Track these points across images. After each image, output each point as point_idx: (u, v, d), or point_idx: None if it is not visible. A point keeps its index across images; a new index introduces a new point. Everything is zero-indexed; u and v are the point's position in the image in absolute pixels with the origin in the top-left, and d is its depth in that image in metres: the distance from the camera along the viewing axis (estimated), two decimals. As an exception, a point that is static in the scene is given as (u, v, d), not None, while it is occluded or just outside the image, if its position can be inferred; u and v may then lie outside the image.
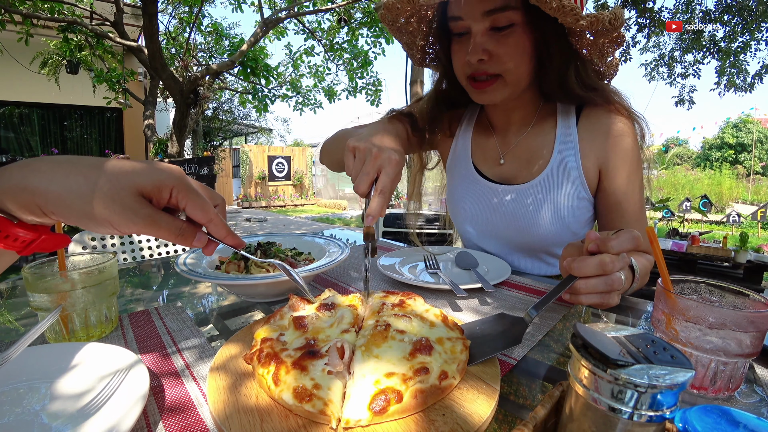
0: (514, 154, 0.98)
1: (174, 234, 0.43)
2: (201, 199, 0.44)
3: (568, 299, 0.62)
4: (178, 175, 0.43)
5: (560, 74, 0.83)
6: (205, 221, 0.46)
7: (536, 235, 0.93)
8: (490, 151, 1.03)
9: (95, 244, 1.30)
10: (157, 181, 0.41)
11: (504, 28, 0.77)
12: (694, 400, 0.44)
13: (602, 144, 0.88)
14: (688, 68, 6.68)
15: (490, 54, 0.79)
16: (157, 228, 0.42)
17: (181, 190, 0.43)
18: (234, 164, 13.58)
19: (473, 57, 0.78)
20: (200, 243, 0.47)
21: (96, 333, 0.59)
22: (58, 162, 0.39)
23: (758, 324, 0.41)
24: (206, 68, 5.61)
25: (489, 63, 0.80)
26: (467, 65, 0.82)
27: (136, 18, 7.02)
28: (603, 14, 0.69)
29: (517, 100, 0.93)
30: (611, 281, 0.57)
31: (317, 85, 7.63)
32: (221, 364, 0.47)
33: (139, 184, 0.40)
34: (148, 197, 0.41)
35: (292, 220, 9.49)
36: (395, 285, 0.81)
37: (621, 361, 0.28)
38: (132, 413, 0.37)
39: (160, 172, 0.41)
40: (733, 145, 23.37)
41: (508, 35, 0.78)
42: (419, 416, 0.38)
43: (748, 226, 8.20)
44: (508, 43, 0.78)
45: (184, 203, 0.43)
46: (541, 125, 0.95)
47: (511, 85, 0.83)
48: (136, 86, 7.49)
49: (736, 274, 3.69)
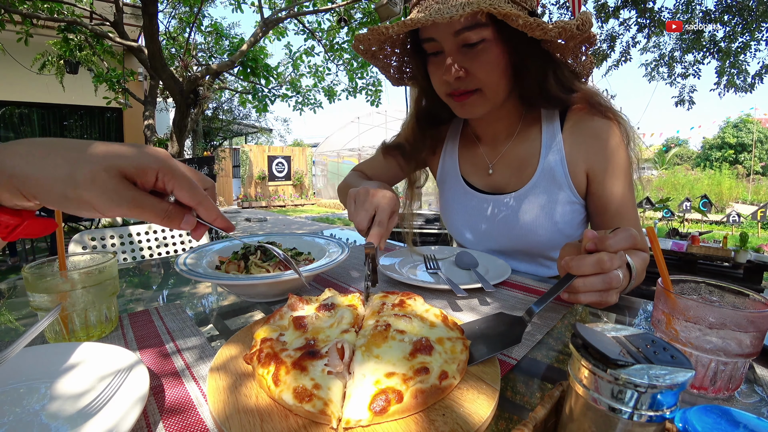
0: (502, 164, 0.99)
1: (160, 216, 0.42)
2: (188, 182, 0.44)
3: (567, 299, 0.62)
4: (163, 158, 0.42)
5: (539, 81, 0.84)
6: (194, 203, 0.45)
7: (531, 241, 0.94)
8: (478, 162, 1.04)
9: (95, 244, 1.30)
10: (141, 164, 0.40)
11: (476, 44, 0.78)
12: (694, 400, 0.44)
13: (587, 148, 0.89)
14: (688, 68, 6.67)
15: (466, 71, 0.80)
16: (141, 210, 0.41)
17: (167, 173, 0.42)
18: (234, 164, 13.59)
19: (449, 76, 0.80)
20: (188, 225, 0.46)
21: (96, 333, 0.59)
22: (37, 144, 0.38)
23: (758, 324, 0.41)
24: (206, 68, 5.61)
25: (466, 80, 0.81)
26: (445, 84, 0.84)
27: (136, 18, 7.01)
28: (570, 23, 0.71)
29: (500, 111, 0.94)
30: (609, 279, 0.58)
31: (317, 85, 7.63)
32: (221, 365, 0.47)
33: (122, 166, 0.39)
34: (132, 180, 0.40)
35: (292, 220, 9.48)
36: (395, 285, 0.81)
37: (621, 361, 0.28)
38: (132, 413, 0.37)
39: (145, 154, 0.41)
40: (733, 145, 23.37)
41: (481, 51, 0.79)
42: (419, 416, 0.38)
43: (748, 226, 8.20)
44: (481, 58, 0.79)
45: (171, 186, 0.42)
46: (526, 133, 0.96)
47: (491, 97, 0.85)
48: (136, 86, 7.48)
49: (736, 274, 3.69)
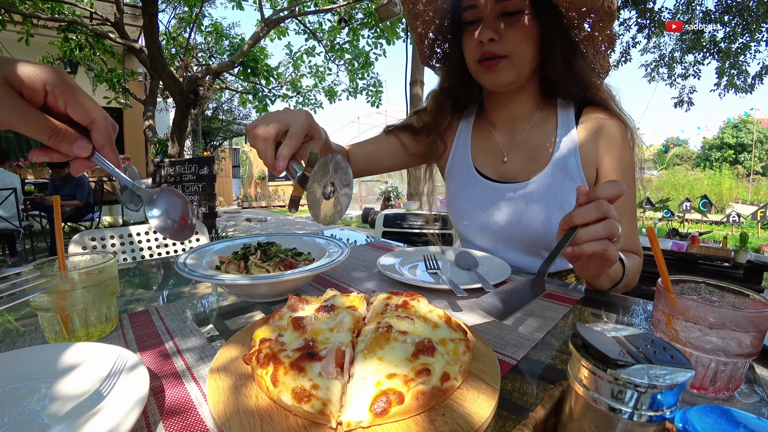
0: (518, 151, 1.01)
1: (45, 133, 0.40)
2: (84, 98, 0.41)
3: (571, 252, 0.60)
4: (56, 71, 0.40)
5: (566, 60, 0.89)
6: (87, 121, 0.42)
7: (536, 231, 0.95)
8: (492, 151, 1.05)
9: (95, 245, 1.31)
10: (29, 73, 0.39)
11: (513, 13, 0.85)
12: (694, 400, 0.44)
13: (601, 145, 0.91)
14: (688, 69, 6.67)
15: (500, 35, 0.86)
16: (25, 123, 0.39)
17: (57, 85, 0.39)
18: (234, 164, 13.59)
19: (485, 36, 0.85)
20: (82, 151, 0.42)
21: (96, 333, 0.59)
22: None
23: (758, 324, 0.41)
24: (206, 68, 5.60)
25: (498, 44, 0.86)
26: (478, 46, 0.88)
27: (136, 18, 7.01)
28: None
29: (520, 94, 0.98)
30: (610, 225, 0.57)
31: (318, 86, 7.63)
32: (221, 365, 0.47)
33: (8, 73, 0.38)
34: (19, 90, 0.39)
35: (293, 220, 9.49)
36: (395, 285, 0.82)
37: (621, 361, 0.28)
38: (132, 414, 0.37)
39: (39, 66, 0.39)
40: (733, 145, 23.36)
41: (516, 20, 0.85)
42: (420, 416, 0.38)
43: (748, 226, 8.19)
44: (516, 26, 0.85)
45: (62, 101, 0.40)
46: (542, 122, 0.99)
47: (517, 66, 0.89)
48: (136, 86, 7.48)
49: (736, 274, 3.68)
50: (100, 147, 0.44)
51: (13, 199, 4.26)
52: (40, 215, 5.20)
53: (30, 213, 5.15)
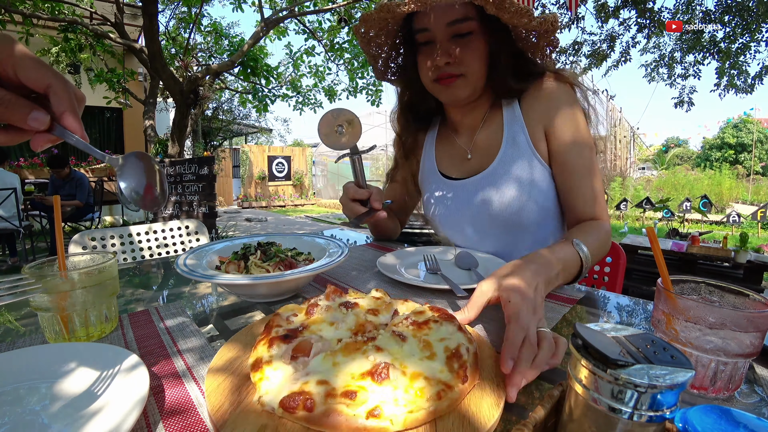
0: (478, 146, 1.07)
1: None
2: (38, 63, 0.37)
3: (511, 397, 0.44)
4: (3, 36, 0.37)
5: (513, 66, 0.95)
6: (42, 87, 0.38)
7: (506, 214, 0.99)
8: (455, 153, 1.12)
9: (95, 245, 1.30)
10: None
11: (464, 35, 0.90)
12: (694, 400, 0.44)
13: (541, 107, 0.96)
14: (688, 69, 6.66)
15: (455, 57, 0.91)
16: None
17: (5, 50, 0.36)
18: (234, 164, 13.58)
19: (441, 60, 0.90)
20: (37, 123, 0.38)
21: (96, 333, 0.59)
22: None
23: (758, 324, 0.41)
24: (206, 68, 5.59)
25: (453, 65, 0.92)
26: (434, 69, 0.94)
27: (136, 18, 7.01)
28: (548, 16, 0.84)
29: (476, 100, 1.04)
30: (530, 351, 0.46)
31: (317, 85, 7.61)
32: (220, 365, 0.47)
33: None
34: None
35: (293, 220, 9.48)
36: (395, 285, 0.82)
37: (621, 361, 0.28)
38: (132, 414, 0.37)
39: None
40: (733, 145, 23.35)
41: (468, 41, 0.91)
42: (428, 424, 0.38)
43: (748, 226, 8.18)
44: (468, 47, 0.91)
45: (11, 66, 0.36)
46: (493, 118, 1.05)
47: (472, 82, 0.95)
48: (136, 86, 7.47)
49: (736, 274, 3.68)
50: (60, 114, 0.39)
51: (13, 199, 4.26)
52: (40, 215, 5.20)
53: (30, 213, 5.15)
